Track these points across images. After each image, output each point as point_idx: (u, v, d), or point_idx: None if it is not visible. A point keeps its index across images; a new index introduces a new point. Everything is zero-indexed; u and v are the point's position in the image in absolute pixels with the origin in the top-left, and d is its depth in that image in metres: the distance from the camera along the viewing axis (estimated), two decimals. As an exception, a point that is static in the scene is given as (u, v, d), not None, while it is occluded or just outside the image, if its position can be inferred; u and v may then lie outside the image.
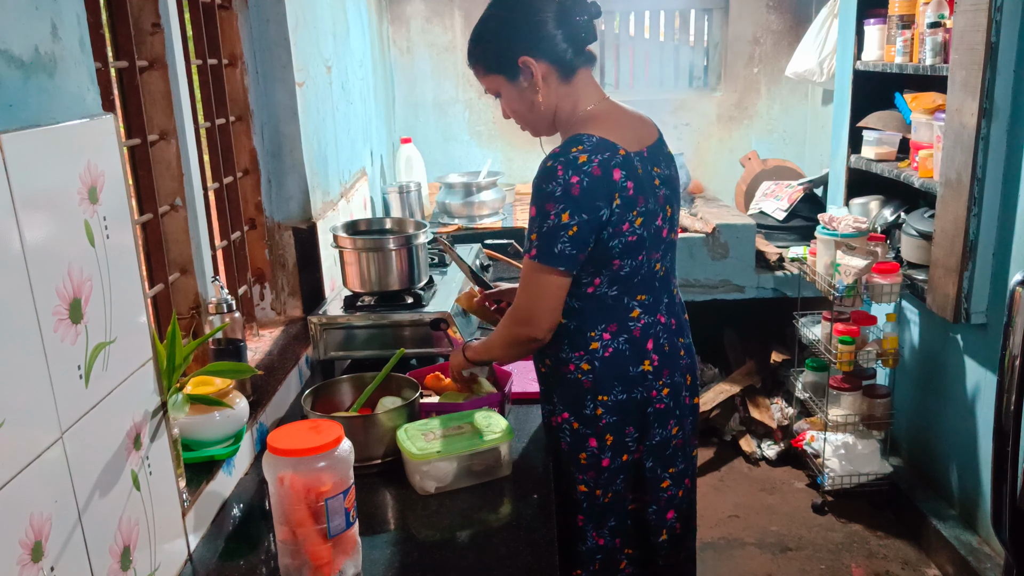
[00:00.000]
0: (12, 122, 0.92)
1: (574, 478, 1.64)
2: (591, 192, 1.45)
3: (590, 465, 1.62)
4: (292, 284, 2.17)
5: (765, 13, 4.08)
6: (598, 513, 1.65)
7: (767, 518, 3.05)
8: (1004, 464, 1.63)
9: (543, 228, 1.47)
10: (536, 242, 1.49)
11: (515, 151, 4.23)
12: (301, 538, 1.18)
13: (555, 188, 1.45)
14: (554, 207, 1.45)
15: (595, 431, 1.61)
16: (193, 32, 1.85)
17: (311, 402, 1.64)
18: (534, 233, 1.49)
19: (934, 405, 2.90)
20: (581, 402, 1.60)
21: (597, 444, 1.61)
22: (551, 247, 1.47)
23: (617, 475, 1.63)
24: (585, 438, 1.61)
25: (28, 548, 0.88)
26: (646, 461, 1.65)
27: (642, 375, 1.60)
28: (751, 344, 3.82)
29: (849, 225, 2.88)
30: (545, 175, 1.47)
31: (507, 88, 1.58)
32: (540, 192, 1.47)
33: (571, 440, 1.63)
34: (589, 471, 1.63)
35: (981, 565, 2.52)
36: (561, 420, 1.63)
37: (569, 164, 1.45)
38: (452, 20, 4.06)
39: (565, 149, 1.48)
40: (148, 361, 1.18)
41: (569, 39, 1.54)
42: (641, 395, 1.61)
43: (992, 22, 2.28)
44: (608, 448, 1.62)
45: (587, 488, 1.64)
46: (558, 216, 1.45)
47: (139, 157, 1.57)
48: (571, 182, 1.44)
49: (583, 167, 1.45)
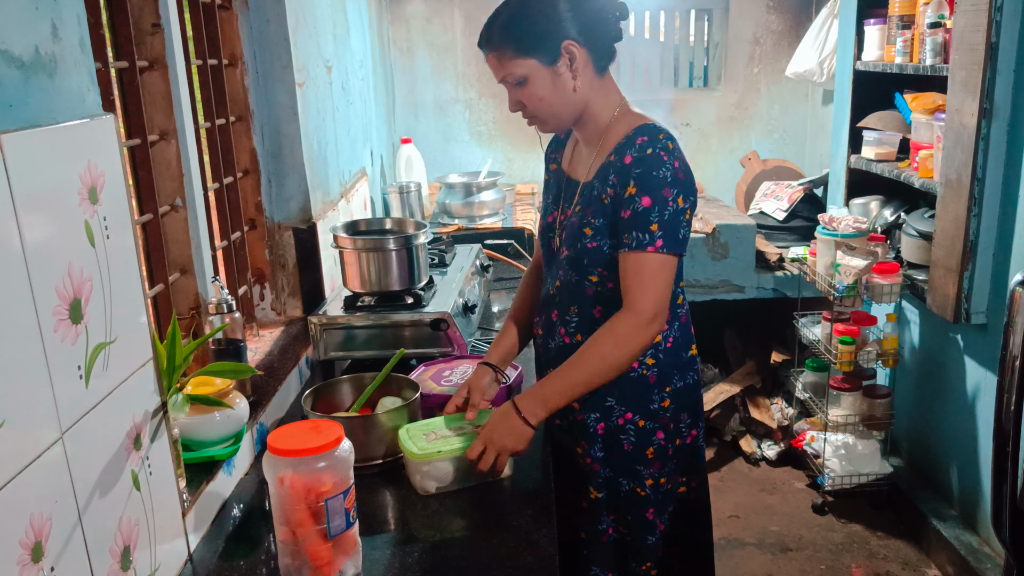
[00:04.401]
0: (12, 122, 0.92)
1: (641, 475, 1.63)
2: (689, 176, 1.47)
3: (656, 457, 1.63)
4: (292, 284, 2.17)
5: (765, 13, 4.08)
6: (663, 502, 1.67)
7: (767, 518, 3.05)
8: (1004, 464, 1.63)
9: (665, 216, 1.43)
10: (659, 232, 1.43)
11: (515, 151, 4.23)
12: (301, 538, 1.18)
13: (666, 174, 1.43)
14: (670, 192, 1.43)
15: (661, 423, 1.62)
16: (193, 32, 1.85)
17: (311, 402, 1.64)
18: (654, 223, 1.43)
19: (934, 405, 2.90)
20: (648, 398, 1.60)
21: (664, 436, 1.63)
22: (676, 233, 1.45)
23: (674, 460, 1.66)
24: (652, 432, 1.62)
25: (28, 548, 0.88)
26: (700, 441, 1.69)
27: (692, 359, 1.64)
28: (751, 344, 3.82)
29: (849, 225, 2.88)
30: (652, 162, 1.44)
31: (539, 73, 1.49)
32: (651, 180, 1.43)
33: (636, 439, 1.62)
34: (655, 463, 1.64)
35: (981, 565, 2.52)
36: (623, 421, 1.61)
37: (668, 151, 1.45)
38: (452, 20, 4.06)
39: (654, 137, 1.46)
40: (148, 361, 1.18)
41: (606, 33, 1.54)
42: (692, 379, 1.65)
43: (992, 22, 2.29)
44: (671, 436, 1.63)
45: (653, 481, 1.64)
46: (675, 201, 1.44)
47: (139, 157, 1.57)
48: (675, 167, 1.44)
49: (674, 153, 1.45)
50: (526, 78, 1.50)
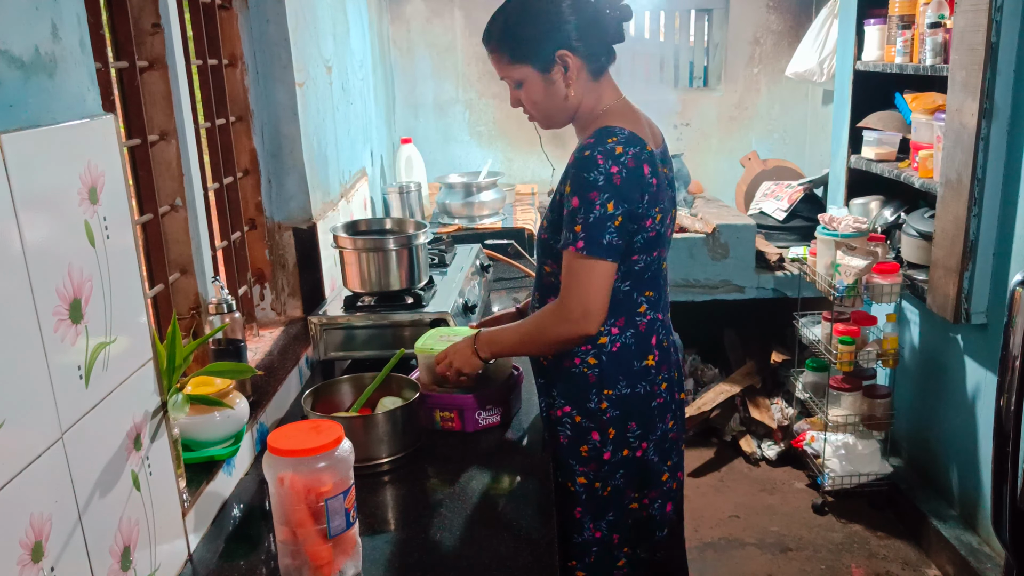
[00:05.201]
0: (12, 122, 0.92)
1: (573, 470, 1.64)
2: (629, 182, 1.46)
3: (591, 458, 1.63)
4: (292, 284, 2.17)
5: (765, 13, 4.08)
6: (596, 506, 1.66)
7: (767, 518, 3.05)
8: (1004, 464, 1.63)
9: (589, 219, 1.45)
10: (582, 233, 1.46)
11: (515, 151, 4.23)
12: (301, 538, 1.18)
13: (597, 177, 1.45)
14: (599, 196, 1.45)
15: (598, 425, 1.61)
16: (193, 32, 1.85)
17: (311, 402, 1.64)
18: (578, 224, 1.46)
19: (934, 405, 2.90)
20: (585, 396, 1.61)
21: (600, 438, 1.62)
22: (599, 238, 1.46)
23: (617, 469, 1.64)
24: (587, 431, 1.62)
25: (28, 548, 0.88)
26: (651, 455, 1.66)
27: (645, 370, 1.61)
28: (751, 344, 3.82)
29: (849, 225, 2.88)
30: (585, 164, 1.46)
31: (534, 79, 1.56)
32: (582, 181, 1.46)
33: (572, 433, 1.63)
34: (590, 463, 1.63)
35: (981, 565, 2.52)
36: (561, 413, 1.64)
37: (608, 154, 1.45)
38: (452, 20, 4.06)
39: (601, 139, 1.47)
40: (148, 361, 1.18)
41: (603, 39, 1.56)
42: (645, 390, 1.62)
43: (992, 22, 2.29)
44: (610, 442, 1.62)
45: (586, 480, 1.64)
46: (603, 206, 1.45)
47: (139, 157, 1.57)
48: (611, 171, 1.45)
49: (620, 158, 1.45)
50: (522, 82, 1.57)
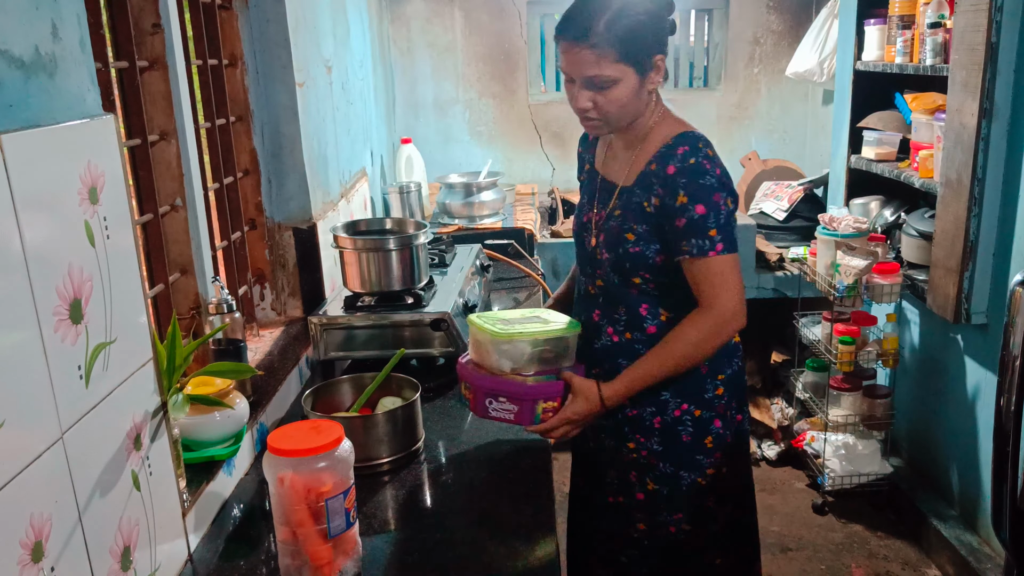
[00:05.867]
0: (12, 122, 0.92)
1: (700, 465, 1.65)
2: (729, 177, 1.55)
3: (716, 447, 1.66)
4: (292, 284, 2.17)
5: (765, 13, 4.08)
6: (724, 488, 1.69)
7: (767, 518, 3.05)
8: (1004, 464, 1.63)
9: (720, 220, 1.50)
10: (719, 236, 1.50)
11: (515, 151, 4.22)
12: (301, 538, 1.18)
13: (711, 181, 1.50)
14: (720, 197, 1.50)
15: (717, 412, 1.65)
16: (193, 32, 1.85)
17: (311, 402, 1.64)
18: (712, 229, 1.50)
19: (934, 405, 2.90)
20: (702, 387, 1.63)
21: (721, 424, 1.65)
22: (732, 235, 1.52)
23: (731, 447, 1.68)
24: (709, 422, 1.64)
25: (28, 548, 0.89)
26: (746, 425, 1.73)
27: (736, 346, 1.69)
28: (751, 344, 3.82)
29: (849, 225, 2.88)
30: (697, 171, 1.50)
31: (631, 80, 1.52)
32: (700, 188, 1.50)
33: (694, 430, 1.64)
34: (716, 453, 1.66)
35: (981, 565, 2.52)
36: (679, 413, 1.64)
37: (708, 157, 1.53)
38: (452, 20, 4.06)
39: (694, 145, 1.53)
40: (148, 361, 1.18)
41: None
42: (738, 365, 1.69)
43: (992, 22, 2.28)
44: (728, 425, 1.66)
45: (714, 470, 1.66)
46: (726, 204, 1.51)
47: (139, 157, 1.57)
48: (718, 173, 1.52)
49: (714, 158, 1.54)
50: (615, 81, 1.51)
